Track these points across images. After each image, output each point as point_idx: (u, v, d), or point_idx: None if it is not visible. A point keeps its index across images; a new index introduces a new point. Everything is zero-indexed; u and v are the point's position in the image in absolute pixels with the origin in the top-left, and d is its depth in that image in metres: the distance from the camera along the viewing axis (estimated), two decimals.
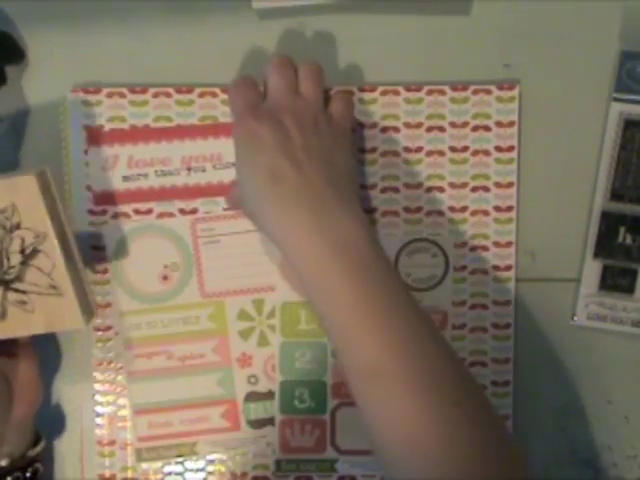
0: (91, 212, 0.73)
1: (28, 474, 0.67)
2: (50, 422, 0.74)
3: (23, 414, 0.67)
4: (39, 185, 0.63)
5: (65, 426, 0.74)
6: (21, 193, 0.63)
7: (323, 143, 0.65)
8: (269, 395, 0.73)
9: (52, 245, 0.64)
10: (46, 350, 0.72)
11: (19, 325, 0.65)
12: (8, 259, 0.64)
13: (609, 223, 0.71)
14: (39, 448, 0.69)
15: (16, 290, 0.65)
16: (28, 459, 0.68)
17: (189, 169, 0.72)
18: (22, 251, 0.64)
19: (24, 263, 0.64)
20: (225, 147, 0.72)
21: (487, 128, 0.72)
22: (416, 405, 0.57)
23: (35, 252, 0.64)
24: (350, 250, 0.61)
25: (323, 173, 0.64)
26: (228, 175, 0.72)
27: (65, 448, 0.74)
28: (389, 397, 0.58)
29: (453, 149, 0.72)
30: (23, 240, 0.64)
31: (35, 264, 0.64)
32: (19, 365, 0.67)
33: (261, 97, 0.68)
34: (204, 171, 0.72)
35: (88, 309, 0.66)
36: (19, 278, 0.64)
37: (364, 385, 0.59)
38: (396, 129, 0.72)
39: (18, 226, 0.64)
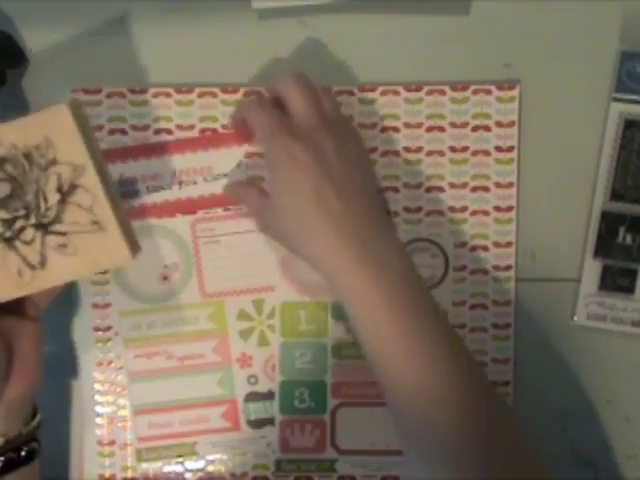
0: None
1: (23, 453, 0.64)
2: (50, 422, 0.73)
3: (19, 393, 0.64)
4: (72, 114, 0.61)
5: (65, 426, 0.74)
6: (54, 125, 0.61)
7: (355, 163, 0.67)
8: (269, 395, 0.73)
9: (91, 177, 0.61)
10: (46, 350, 0.72)
11: (62, 271, 0.62)
12: (45, 200, 0.61)
13: (609, 223, 0.71)
14: (34, 423, 0.66)
15: (56, 233, 0.61)
16: (23, 437, 0.65)
17: (180, 183, 0.72)
18: (59, 189, 0.61)
19: (62, 201, 0.61)
20: (214, 159, 0.72)
21: (487, 128, 0.72)
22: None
23: (73, 187, 0.61)
24: (399, 282, 0.63)
25: (362, 199, 0.65)
26: (219, 187, 0.73)
27: (65, 448, 0.74)
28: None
29: (453, 149, 0.72)
30: (60, 176, 0.61)
31: (74, 201, 0.61)
32: (23, 338, 0.65)
33: (286, 115, 0.67)
34: (195, 184, 0.73)
35: (133, 243, 0.64)
36: (58, 219, 0.61)
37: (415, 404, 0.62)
38: (396, 129, 0.72)
39: (54, 162, 0.61)
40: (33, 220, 0.61)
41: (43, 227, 0.61)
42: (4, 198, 0.61)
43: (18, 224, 0.61)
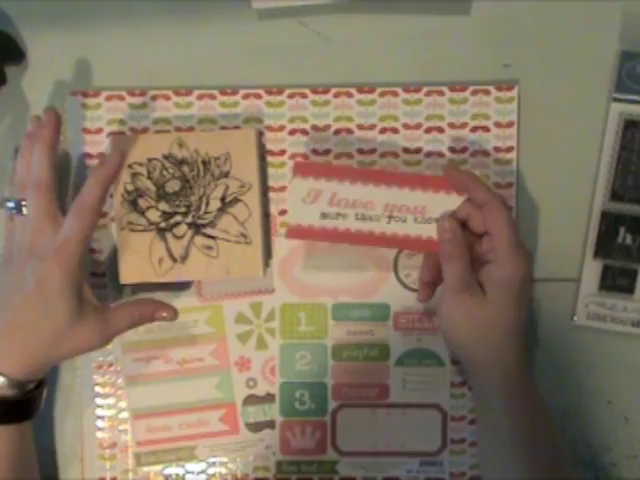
0: None
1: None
2: (51, 425, 0.74)
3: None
4: (256, 139, 0.70)
5: (66, 428, 0.74)
6: (239, 144, 0.69)
7: None
8: (268, 398, 0.73)
9: (254, 196, 0.70)
10: None
11: (199, 269, 0.69)
12: (207, 204, 0.70)
13: (609, 223, 0.71)
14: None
15: (205, 235, 0.69)
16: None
17: (390, 217, 0.68)
18: (223, 198, 0.70)
19: (221, 210, 0.70)
20: (431, 201, 0.68)
21: (486, 129, 0.72)
22: None
23: (235, 201, 0.70)
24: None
25: None
26: (427, 230, 0.68)
27: (66, 450, 0.74)
28: None
29: (452, 150, 0.72)
30: (227, 188, 0.70)
31: (232, 212, 0.70)
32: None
33: None
34: (405, 222, 0.68)
35: (267, 260, 0.71)
36: (212, 224, 0.70)
37: None
38: (395, 130, 0.72)
39: (227, 174, 0.70)
40: (190, 219, 0.70)
41: (196, 227, 0.70)
42: (171, 193, 0.70)
43: (175, 219, 0.70)
